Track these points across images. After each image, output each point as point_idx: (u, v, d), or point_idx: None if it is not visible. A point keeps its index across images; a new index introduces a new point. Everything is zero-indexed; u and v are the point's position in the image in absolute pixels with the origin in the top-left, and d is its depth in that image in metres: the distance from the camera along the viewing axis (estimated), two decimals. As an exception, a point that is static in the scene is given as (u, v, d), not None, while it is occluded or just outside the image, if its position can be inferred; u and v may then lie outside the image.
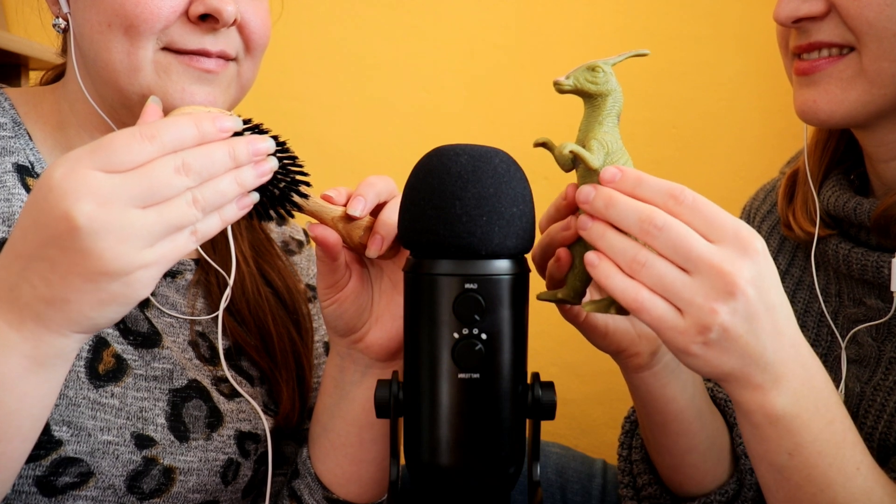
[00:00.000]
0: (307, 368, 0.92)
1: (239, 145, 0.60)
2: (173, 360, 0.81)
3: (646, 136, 1.48)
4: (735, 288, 0.56)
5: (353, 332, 0.76)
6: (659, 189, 0.59)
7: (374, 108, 1.53)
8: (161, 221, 0.56)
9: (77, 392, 0.74)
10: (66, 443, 0.72)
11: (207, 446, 0.80)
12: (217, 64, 0.78)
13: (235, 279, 0.88)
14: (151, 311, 0.83)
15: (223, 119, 0.60)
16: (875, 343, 0.84)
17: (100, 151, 0.55)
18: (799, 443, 0.61)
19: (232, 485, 0.83)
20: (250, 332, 0.89)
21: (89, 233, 0.54)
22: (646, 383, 0.76)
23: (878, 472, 0.65)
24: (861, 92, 0.79)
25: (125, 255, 0.55)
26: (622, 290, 0.59)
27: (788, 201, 0.95)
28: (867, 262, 0.83)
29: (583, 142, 0.64)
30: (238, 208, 0.61)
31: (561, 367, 1.33)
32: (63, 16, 0.78)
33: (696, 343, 0.58)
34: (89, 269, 0.55)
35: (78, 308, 0.56)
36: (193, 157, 0.57)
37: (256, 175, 0.61)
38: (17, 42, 1.24)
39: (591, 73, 0.63)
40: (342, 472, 0.82)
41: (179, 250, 0.58)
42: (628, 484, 0.91)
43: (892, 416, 0.80)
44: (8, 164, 0.77)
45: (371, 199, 0.70)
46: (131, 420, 0.76)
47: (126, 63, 0.75)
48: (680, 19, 1.47)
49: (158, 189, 0.56)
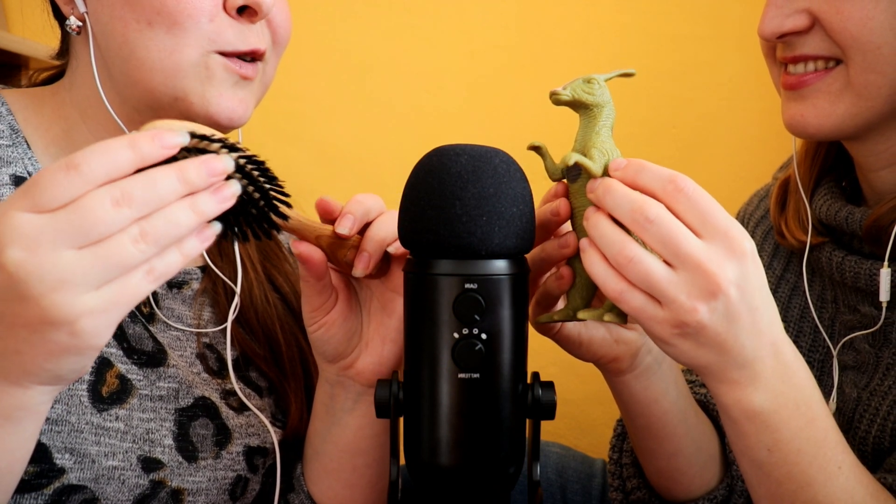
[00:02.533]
0: (315, 377, 0.90)
1: (189, 168, 0.52)
2: (179, 378, 0.79)
3: (646, 136, 1.48)
4: (717, 288, 0.57)
5: (342, 359, 0.74)
6: (660, 176, 0.59)
7: (374, 108, 1.53)
8: (100, 262, 0.50)
9: (80, 417, 0.71)
10: (69, 470, 0.69)
11: (216, 465, 0.78)
12: (255, 71, 0.77)
13: (243, 286, 0.86)
14: (157, 325, 0.81)
15: (166, 136, 0.52)
16: (873, 350, 0.84)
17: (28, 191, 0.50)
18: (778, 439, 0.62)
19: (240, 500, 0.82)
20: (258, 342, 0.87)
21: (20, 280, 0.49)
22: (628, 386, 0.76)
23: (860, 473, 0.65)
24: (849, 104, 0.79)
25: (63, 302, 0.49)
26: (604, 280, 0.60)
27: (780, 209, 0.96)
28: (860, 270, 0.84)
29: (582, 152, 0.64)
30: (199, 241, 0.54)
31: (561, 367, 1.33)
32: (79, 16, 0.75)
33: (673, 334, 0.59)
34: (30, 318, 0.50)
35: (31, 359, 0.52)
36: (133, 186, 0.50)
37: (216, 201, 0.54)
38: (17, 42, 1.24)
39: (587, 85, 0.64)
40: (334, 496, 0.80)
41: (132, 293, 0.51)
42: (618, 487, 0.91)
43: (885, 421, 0.80)
44: (5, 175, 0.74)
45: (360, 217, 0.67)
46: (137, 443, 0.73)
47: (167, 63, 0.72)
48: (680, 19, 1.47)
49: (93, 226, 0.49)
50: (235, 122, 0.77)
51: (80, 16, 0.75)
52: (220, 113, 0.75)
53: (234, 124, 0.77)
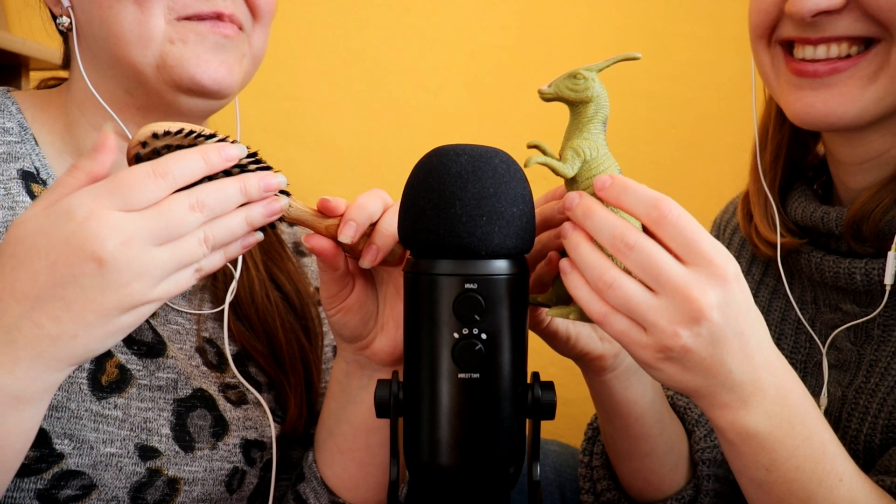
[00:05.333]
0: (315, 374, 0.91)
1: (251, 181, 0.61)
2: (178, 370, 0.80)
3: (646, 136, 1.48)
4: (700, 314, 0.56)
5: (359, 340, 0.75)
6: (644, 199, 0.58)
7: (374, 107, 1.53)
8: (174, 258, 0.58)
9: (79, 404, 0.73)
10: (67, 456, 0.71)
11: (213, 456, 0.80)
12: (232, 30, 0.78)
13: (244, 284, 0.87)
14: (156, 319, 0.82)
15: (228, 148, 0.61)
16: (854, 347, 0.85)
17: (118, 191, 0.56)
18: (775, 459, 0.62)
19: (237, 493, 0.83)
20: (258, 338, 0.88)
21: (113, 270, 0.55)
22: (608, 386, 0.76)
23: (862, 481, 0.65)
24: (879, 87, 0.77)
25: (140, 291, 0.57)
26: (587, 302, 0.60)
27: (749, 220, 0.95)
28: (839, 268, 0.83)
29: (562, 150, 0.64)
30: (241, 246, 0.63)
31: (561, 367, 1.33)
32: (66, 12, 0.78)
33: (658, 358, 0.58)
34: (106, 304, 0.56)
35: (84, 342, 0.57)
36: (207, 194, 0.59)
37: (266, 213, 0.62)
38: (17, 42, 1.24)
39: (571, 81, 0.63)
40: (349, 477, 0.81)
41: (182, 286, 0.60)
42: (588, 490, 0.91)
43: (875, 419, 0.80)
44: (13, 170, 0.77)
45: (363, 223, 0.68)
46: (135, 431, 0.75)
47: (137, 33, 0.74)
48: (680, 19, 1.47)
49: (175, 226, 0.57)
50: (220, 82, 0.78)
51: (66, 12, 0.78)
52: (202, 74, 0.76)
53: (220, 86, 0.78)
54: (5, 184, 0.76)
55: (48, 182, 0.79)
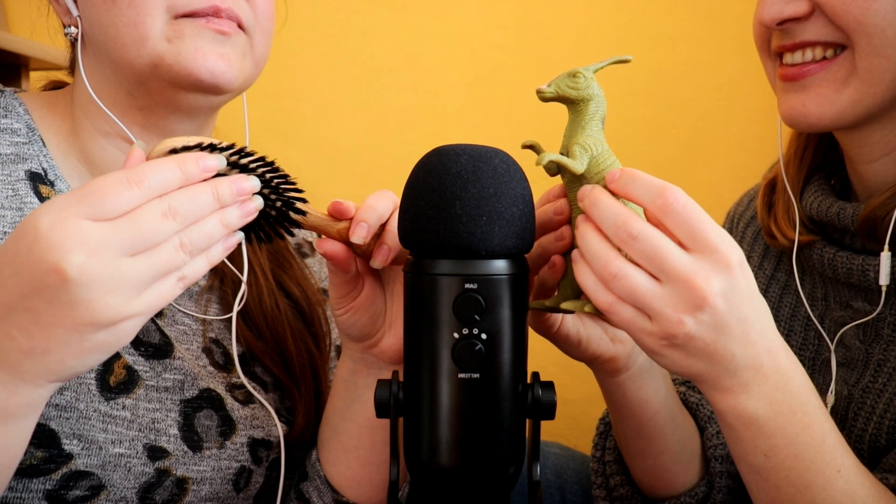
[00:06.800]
0: (324, 382, 0.91)
1: (223, 186, 0.59)
2: (185, 371, 0.81)
3: (646, 136, 1.48)
4: (704, 301, 0.57)
5: (367, 338, 0.76)
6: (650, 187, 0.59)
7: (374, 107, 1.53)
8: (150, 268, 0.55)
9: (88, 405, 0.73)
10: (76, 456, 0.71)
11: (220, 455, 0.80)
12: (230, 26, 0.77)
13: (253, 293, 0.87)
14: (164, 319, 0.82)
15: (206, 159, 0.59)
16: (862, 346, 0.85)
17: (87, 199, 0.53)
18: (774, 444, 0.62)
19: (244, 491, 0.83)
20: (268, 346, 0.88)
21: (79, 284, 0.52)
22: (622, 387, 0.76)
23: (861, 475, 0.65)
24: (853, 91, 0.79)
25: (114, 305, 0.53)
26: (594, 292, 0.61)
27: (768, 210, 0.95)
28: (852, 265, 0.84)
29: (566, 147, 0.64)
30: (223, 248, 0.60)
31: (561, 367, 1.33)
32: (74, 22, 0.79)
33: (662, 345, 0.59)
34: (76, 320, 0.53)
35: (59, 358, 0.55)
36: (179, 201, 0.56)
37: (241, 215, 0.60)
38: (18, 42, 1.24)
39: (571, 80, 0.64)
40: (352, 475, 0.81)
41: (165, 297, 0.57)
42: (601, 485, 0.92)
43: (881, 419, 0.80)
44: (21, 171, 0.77)
45: (374, 223, 0.68)
46: (143, 432, 0.76)
47: (134, 34, 0.74)
48: (680, 19, 1.47)
49: (147, 236, 0.54)
50: (219, 77, 0.76)
51: (75, 21, 0.79)
52: (199, 67, 0.75)
53: (218, 80, 0.77)
54: (13, 185, 0.76)
55: (56, 183, 0.79)
